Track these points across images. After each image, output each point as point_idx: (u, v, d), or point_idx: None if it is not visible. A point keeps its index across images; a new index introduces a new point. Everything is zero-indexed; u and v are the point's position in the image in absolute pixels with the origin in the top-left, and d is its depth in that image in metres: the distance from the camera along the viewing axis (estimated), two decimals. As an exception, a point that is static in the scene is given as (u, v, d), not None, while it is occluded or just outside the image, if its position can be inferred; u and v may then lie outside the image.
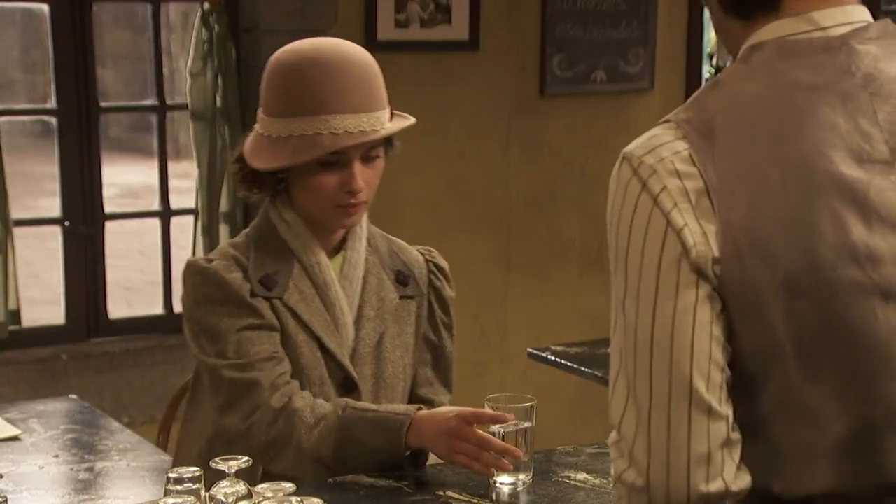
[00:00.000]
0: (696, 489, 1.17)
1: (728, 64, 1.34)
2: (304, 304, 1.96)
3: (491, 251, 4.21)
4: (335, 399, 1.94)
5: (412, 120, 1.99)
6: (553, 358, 3.08)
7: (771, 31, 1.25)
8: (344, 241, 2.02)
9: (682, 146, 1.21)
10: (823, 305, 1.17)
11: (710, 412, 1.18)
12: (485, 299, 4.21)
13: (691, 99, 1.28)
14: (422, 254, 2.11)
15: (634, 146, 1.25)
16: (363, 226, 2.04)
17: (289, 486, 1.58)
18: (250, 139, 1.97)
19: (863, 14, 1.26)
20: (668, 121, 1.25)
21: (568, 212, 4.30)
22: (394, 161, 2.05)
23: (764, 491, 1.22)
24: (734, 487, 1.19)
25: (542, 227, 4.27)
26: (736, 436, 1.20)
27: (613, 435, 1.23)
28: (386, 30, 3.87)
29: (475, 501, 1.82)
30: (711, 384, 1.18)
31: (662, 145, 1.22)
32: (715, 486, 1.18)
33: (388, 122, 1.93)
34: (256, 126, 1.96)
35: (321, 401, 1.93)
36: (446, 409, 1.89)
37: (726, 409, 1.19)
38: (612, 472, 1.23)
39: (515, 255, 4.24)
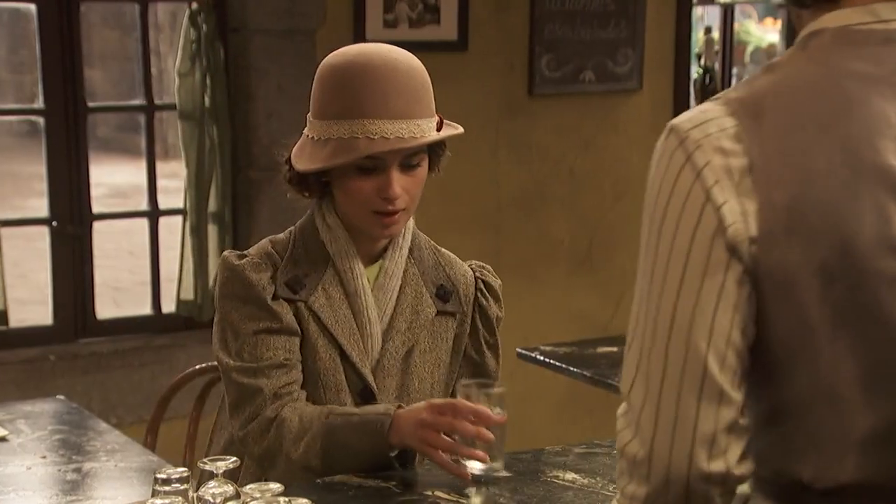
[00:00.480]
0: (697, 467, 1.18)
1: (713, 64, 1.35)
2: (329, 310, 1.95)
3: (480, 251, 4.18)
4: (321, 406, 1.93)
5: (460, 130, 1.98)
6: (542, 358, 3.08)
7: (832, 19, 1.25)
8: (385, 249, 2.00)
9: (729, 123, 1.21)
10: (858, 294, 1.17)
11: (721, 395, 1.18)
12: (473, 299, 4.21)
13: (745, 79, 1.29)
14: (473, 270, 2.10)
15: (683, 119, 1.25)
16: (406, 236, 2.02)
17: (276, 487, 1.58)
18: (299, 141, 1.96)
19: None
20: (718, 98, 1.25)
21: (557, 212, 4.31)
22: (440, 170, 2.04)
23: (792, 479, 1.22)
24: (736, 471, 1.19)
25: (531, 227, 4.27)
26: (744, 422, 1.20)
27: (623, 406, 1.23)
28: (374, 30, 3.87)
29: (463, 501, 1.82)
30: (726, 367, 1.18)
31: (710, 121, 1.22)
32: (716, 466, 1.18)
33: (432, 130, 1.91)
34: (305, 128, 1.96)
35: (310, 408, 1.92)
36: (423, 402, 1.87)
37: (737, 395, 1.19)
38: (617, 444, 1.23)
39: (504, 255, 4.24)
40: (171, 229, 3.97)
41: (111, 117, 8.99)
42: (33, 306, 5.87)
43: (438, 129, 1.94)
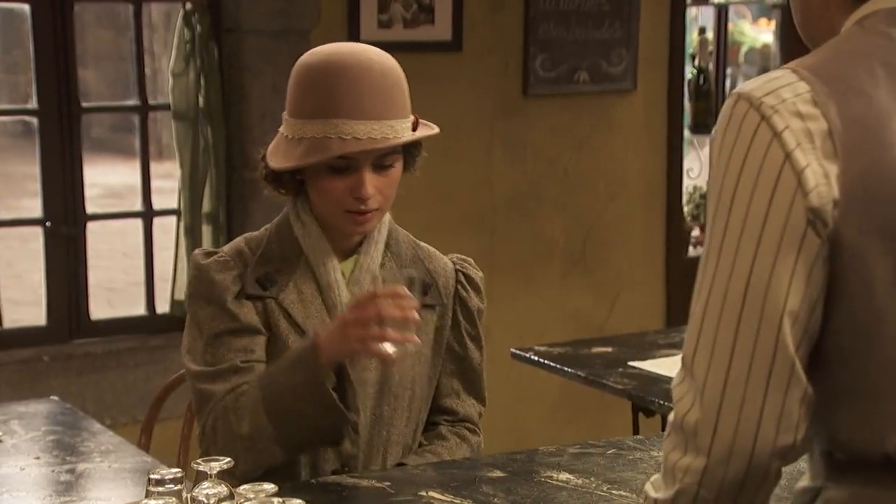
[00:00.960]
0: (764, 440, 1.17)
1: (707, 64, 1.34)
2: (300, 305, 1.95)
3: (474, 251, 4.17)
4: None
5: (435, 130, 1.98)
6: (536, 358, 3.08)
7: (882, 2, 1.26)
8: (360, 244, 2.01)
9: (803, 88, 1.20)
10: None
11: (792, 368, 1.17)
12: (468, 299, 4.21)
13: (808, 55, 1.27)
14: (454, 263, 2.10)
15: (751, 87, 1.22)
16: (382, 231, 2.02)
17: (270, 487, 1.58)
18: (275, 139, 1.97)
19: None
20: (784, 67, 1.23)
21: (551, 212, 4.31)
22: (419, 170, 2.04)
23: (874, 454, 1.20)
24: (800, 445, 1.19)
25: (526, 227, 4.27)
26: (812, 396, 1.19)
27: (679, 375, 1.21)
28: (369, 30, 3.87)
29: (457, 502, 1.82)
30: (799, 338, 1.17)
31: (783, 87, 1.20)
32: (783, 440, 1.18)
33: (406, 130, 1.91)
34: (281, 126, 1.96)
35: (245, 384, 1.91)
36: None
37: (804, 369, 1.17)
38: (674, 414, 1.21)
39: (499, 255, 4.24)
40: (166, 230, 3.97)
41: (105, 117, 8.97)
42: (27, 307, 5.86)
43: (414, 130, 1.93)
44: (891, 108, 1.19)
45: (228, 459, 1.60)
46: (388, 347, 1.81)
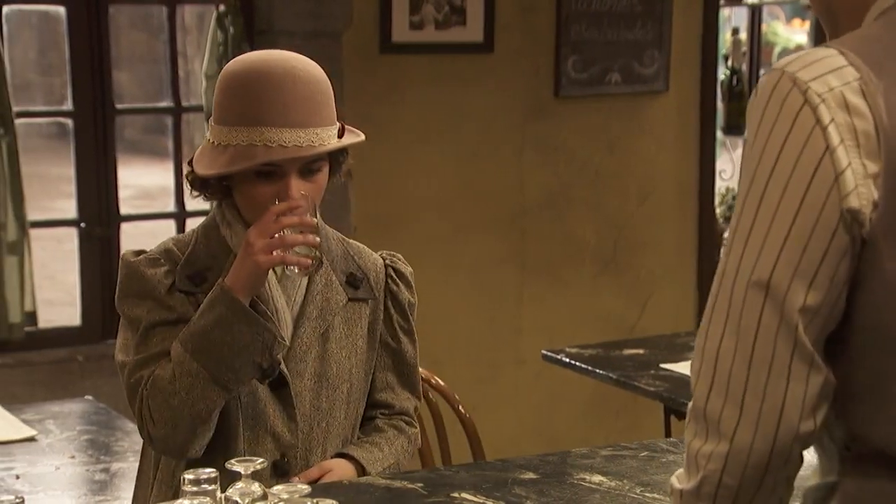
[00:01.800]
0: (788, 426, 1.17)
1: (740, 65, 1.32)
2: None
3: (505, 253, 4.20)
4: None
5: (361, 137, 1.98)
6: (567, 360, 3.07)
7: None
8: None
9: (852, 75, 1.15)
10: None
11: (812, 358, 1.16)
12: (499, 301, 4.21)
13: (843, 37, 1.21)
14: (384, 258, 2.11)
15: (798, 66, 1.16)
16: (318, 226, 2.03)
17: (304, 488, 1.58)
18: (201, 145, 1.99)
19: None
20: (828, 46, 1.18)
21: (582, 213, 4.30)
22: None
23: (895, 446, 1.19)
24: (820, 431, 1.18)
25: (557, 228, 4.26)
26: (832, 378, 1.18)
27: (697, 358, 1.21)
28: (401, 31, 3.87)
29: (490, 503, 1.82)
30: (819, 331, 1.16)
31: (831, 72, 1.15)
32: (806, 426, 1.17)
33: (332, 138, 1.92)
34: (206, 132, 1.98)
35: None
36: None
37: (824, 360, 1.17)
38: (693, 402, 1.21)
39: (530, 256, 4.24)
40: (198, 231, 3.98)
41: (139, 119, 9.03)
42: (61, 307, 5.90)
43: (340, 136, 1.94)
44: None
45: (262, 460, 1.61)
46: (297, 255, 1.86)
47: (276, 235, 1.85)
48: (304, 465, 1.98)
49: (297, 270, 1.89)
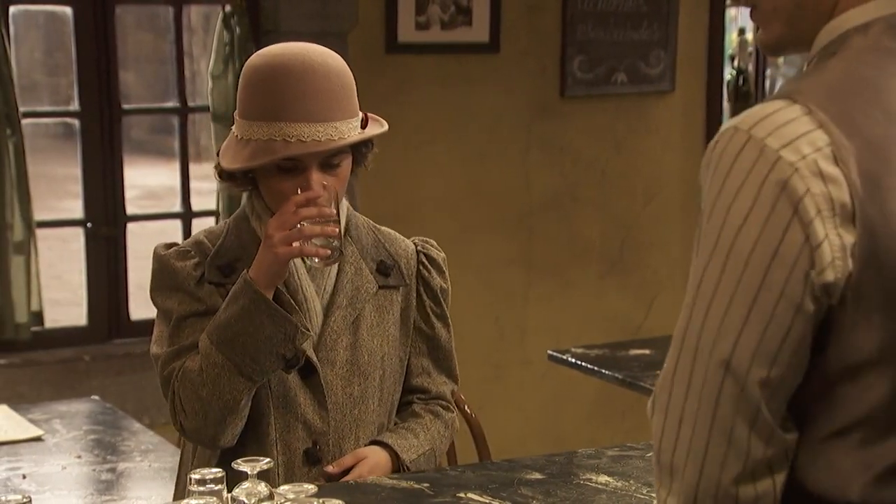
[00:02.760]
0: (725, 490, 1.16)
1: (746, 65, 1.30)
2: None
3: (511, 253, 4.20)
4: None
5: (384, 128, 1.98)
6: (573, 360, 3.07)
7: (881, 7, 1.17)
8: None
9: (822, 140, 1.09)
10: None
11: (767, 426, 1.14)
12: (505, 301, 4.21)
13: (810, 79, 1.16)
14: (416, 244, 2.11)
15: (764, 131, 1.10)
16: (341, 216, 2.02)
17: (310, 488, 1.58)
18: (227, 137, 2.00)
19: None
20: (791, 100, 1.12)
21: (589, 213, 4.30)
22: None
23: (837, 498, 1.18)
24: (767, 498, 1.17)
25: (563, 228, 4.26)
26: (782, 449, 1.16)
27: (652, 404, 1.20)
28: (407, 32, 3.87)
29: (497, 503, 1.82)
30: (774, 398, 1.14)
31: (801, 137, 1.10)
32: (745, 492, 1.16)
33: (353, 130, 1.92)
34: (234, 126, 1.99)
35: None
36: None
37: (778, 424, 1.15)
38: (654, 457, 1.21)
39: (536, 256, 4.24)
40: (205, 231, 3.98)
41: (145, 119, 9.04)
42: (68, 307, 5.91)
43: (364, 127, 1.94)
44: None
45: (268, 460, 1.61)
46: (316, 247, 1.86)
47: (296, 227, 1.85)
48: (336, 452, 1.98)
49: (317, 261, 1.89)
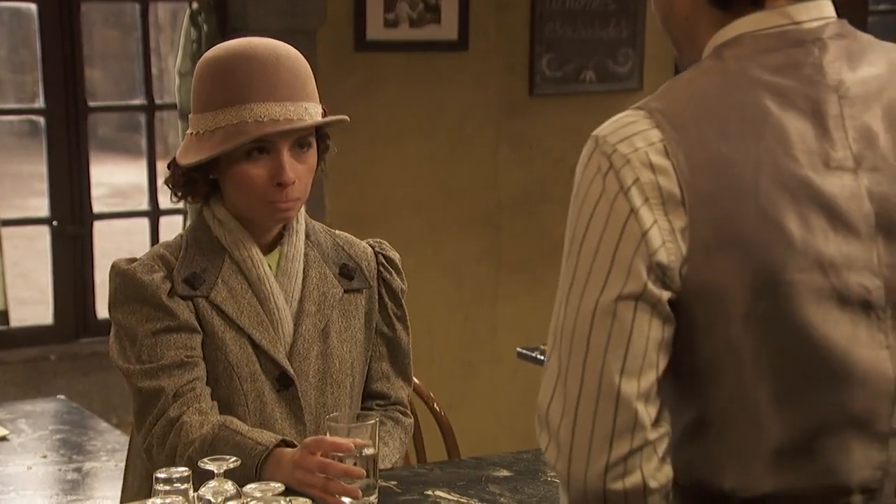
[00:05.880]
0: (610, 487, 1.18)
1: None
2: (232, 301, 1.93)
3: (481, 251, 4.21)
4: (221, 417, 1.88)
5: (346, 118, 1.97)
6: (543, 357, 3.08)
7: (747, 24, 1.25)
8: (280, 236, 2.00)
9: (656, 136, 1.21)
10: (784, 307, 1.18)
11: (635, 417, 1.17)
12: (475, 299, 4.21)
13: (662, 90, 1.27)
14: (371, 246, 2.10)
15: (608, 130, 1.23)
16: (300, 220, 2.01)
17: (277, 486, 1.58)
18: (182, 143, 1.97)
19: (831, 10, 1.27)
20: (639, 108, 1.24)
21: (558, 211, 4.31)
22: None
23: (714, 489, 1.22)
24: (653, 484, 1.19)
25: (532, 226, 4.27)
26: (659, 438, 1.19)
27: (542, 420, 1.24)
28: (375, 29, 3.87)
29: (464, 501, 1.82)
30: (640, 390, 1.17)
31: (636, 134, 1.21)
32: (631, 482, 1.18)
33: (318, 114, 1.92)
34: (188, 129, 1.96)
35: (213, 416, 1.87)
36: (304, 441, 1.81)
37: (651, 415, 1.18)
38: (538, 416, 1.25)
39: (505, 254, 4.24)
40: (172, 229, 3.96)
41: (112, 117, 8.99)
42: (34, 306, 5.87)
43: (323, 116, 1.94)
44: (741, 157, 1.19)
45: (235, 459, 1.60)
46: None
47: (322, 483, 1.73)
48: None
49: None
